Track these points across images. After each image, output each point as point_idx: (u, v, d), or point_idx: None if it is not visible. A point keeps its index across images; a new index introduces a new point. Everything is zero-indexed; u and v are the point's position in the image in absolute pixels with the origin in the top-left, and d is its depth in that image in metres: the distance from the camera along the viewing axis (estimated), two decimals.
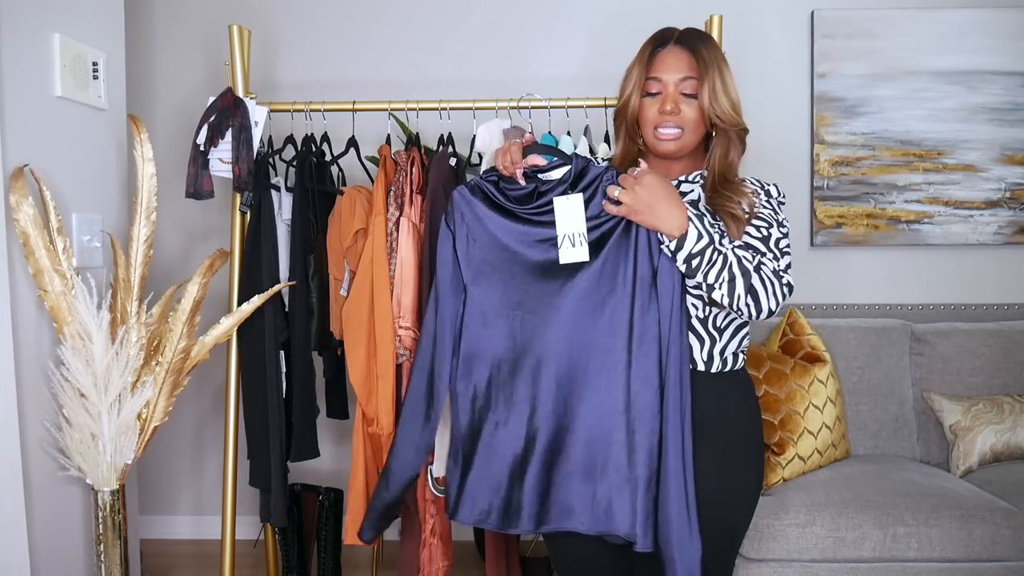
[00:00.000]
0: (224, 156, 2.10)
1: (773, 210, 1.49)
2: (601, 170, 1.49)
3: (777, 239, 1.46)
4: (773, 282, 1.38)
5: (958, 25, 2.88)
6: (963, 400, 2.56)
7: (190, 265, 2.74)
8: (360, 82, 2.84)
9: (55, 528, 1.74)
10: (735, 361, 1.51)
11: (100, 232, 1.87)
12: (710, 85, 1.46)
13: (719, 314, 1.48)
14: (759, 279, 1.37)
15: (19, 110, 1.64)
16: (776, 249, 1.44)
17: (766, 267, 1.39)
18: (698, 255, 1.36)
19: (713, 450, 1.45)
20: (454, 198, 1.58)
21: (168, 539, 3.04)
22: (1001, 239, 2.94)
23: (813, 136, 2.94)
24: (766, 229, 1.45)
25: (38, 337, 1.69)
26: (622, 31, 2.92)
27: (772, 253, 1.43)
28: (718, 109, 1.47)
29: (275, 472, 2.15)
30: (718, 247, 1.37)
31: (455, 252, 1.56)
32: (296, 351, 2.20)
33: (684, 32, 1.52)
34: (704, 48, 1.48)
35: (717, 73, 1.47)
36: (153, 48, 2.99)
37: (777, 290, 1.38)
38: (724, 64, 1.49)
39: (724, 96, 1.47)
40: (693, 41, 1.49)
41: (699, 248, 1.36)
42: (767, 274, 1.38)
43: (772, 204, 1.50)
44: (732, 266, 1.36)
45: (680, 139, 1.49)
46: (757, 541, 2.11)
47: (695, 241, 1.36)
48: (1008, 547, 2.08)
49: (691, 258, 1.37)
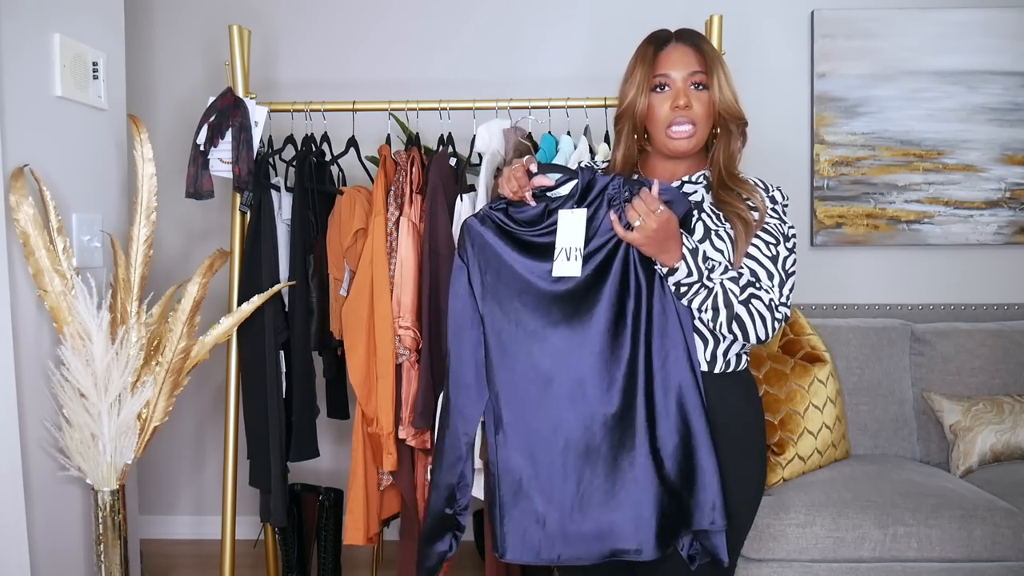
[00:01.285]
0: (224, 156, 2.11)
1: (780, 219, 1.50)
2: (607, 181, 1.48)
3: (784, 257, 1.47)
4: (764, 316, 1.40)
5: (958, 25, 2.88)
6: (963, 400, 2.55)
7: (190, 265, 2.75)
8: (360, 82, 2.84)
9: (55, 528, 1.74)
10: (738, 362, 1.51)
11: (100, 232, 1.87)
12: (717, 78, 1.49)
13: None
14: (747, 312, 1.39)
15: (19, 110, 1.64)
16: (782, 271, 1.45)
17: (760, 300, 1.41)
18: (686, 287, 1.41)
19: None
20: (467, 228, 1.54)
21: (168, 539, 3.04)
22: (1001, 239, 2.94)
23: (813, 136, 2.94)
24: (774, 247, 1.46)
25: (38, 337, 1.69)
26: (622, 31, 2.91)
27: (779, 276, 1.44)
28: (725, 102, 1.50)
29: (275, 472, 2.15)
30: (705, 283, 1.40)
31: (470, 285, 1.52)
32: (296, 351, 2.20)
33: (682, 31, 1.54)
34: (705, 44, 1.52)
35: (720, 67, 1.51)
36: (153, 48, 2.99)
37: (768, 323, 1.41)
38: (722, 60, 1.54)
39: (728, 89, 1.51)
40: (694, 38, 1.52)
41: (687, 282, 1.40)
42: (758, 308, 1.40)
43: (779, 211, 1.51)
44: (717, 298, 1.39)
45: (693, 136, 1.50)
46: (757, 541, 2.11)
47: (684, 275, 1.40)
48: (1008, 547, 2.08)
49: (679, 286, 1.42)
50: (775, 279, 1.44)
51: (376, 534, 2.16)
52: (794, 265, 1.48)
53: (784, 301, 1.44)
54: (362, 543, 2.10)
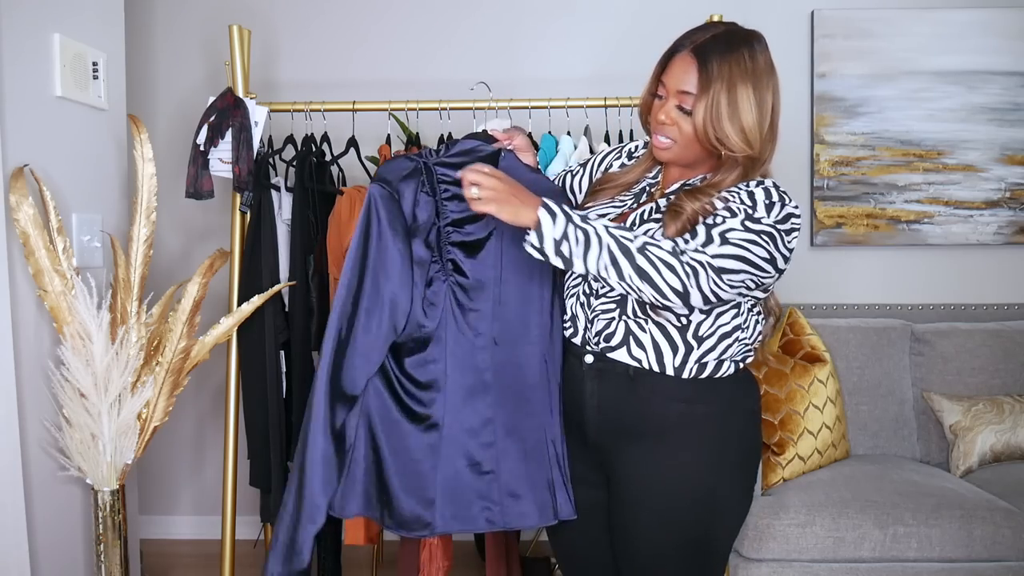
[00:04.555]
0: (224, 156, 2.11)
1: (748, 216, 1.34)
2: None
3: (726, 230, 1.31)
4: (671, 264, 1.27)
5: (958, 25, 2.88)
6: (963, 400, 2.56)
7: (190, 265, 2.75)
8: (360, 82, 2.84)
9: (55, 528, 1.74)
10: (720, 367, 1.43)
11: (100, 232, 1.87)
12: (709, 104, 1.33)
13: (703, 321, 1.40)
14: (647, 260, 1.27)
15: (19, 110, 1.63)
16: (718, 236, 1.31)
17: (659, 247, 1.28)
18: (562, 238, 1.28)
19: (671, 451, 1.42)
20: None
21: (168, 539, 3.04)
22: (1001, 239, 2.94)
23: (813, 136, 2.94)
24: (721, 219, 1.33)
25: (38, 337, 1.69)
26: (622, 31, 2.93)
27: (703, 237, 1.31)
28: (719, 132, 1.34)
29: (275, 472, 2.15)
30: (579, 225, 1.28)
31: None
32: (296, 351, 2.20)
33: (710, 38, 1.38)
34: (717, 62, 1.34)
35: (724, 92, 1.33)
36: (153, 48, 2.99)
37: (679, 271, 1.27)
38: (743, 83, 1.34)
39: (730, 119, 1.34)
40: (708, 52, 1.35)
41: (559, 229, 1.27)
42: (658, 255, 1.27)
43: (748, 209, 1.35)
44: (608, 247, 1.28)
45: (671, 150, 1.42)
46: (757, 541, 2.11)
47: (549, 220, 1.28)
48: (1008, 547, 2.08)
49: (558, 245, 1.28)
50: (699, 239, 1.32)
51: (376, 534, 2.16)
52: (748, 247, 1.31)
53: (706, 254, 1.29)
54: (362, 543, 2.10)
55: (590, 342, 1.47)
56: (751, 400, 1.50)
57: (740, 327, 1.43)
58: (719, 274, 1.30)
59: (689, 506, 1.42)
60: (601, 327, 1.45)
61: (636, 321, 1.42)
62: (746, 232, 1.32)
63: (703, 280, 1.29)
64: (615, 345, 1.43)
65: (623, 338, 1.43)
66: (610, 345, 1.44)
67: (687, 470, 1.42)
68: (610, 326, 1.44)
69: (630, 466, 1.46)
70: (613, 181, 1.56)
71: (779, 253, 1.35)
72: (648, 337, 1.41)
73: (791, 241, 1.37)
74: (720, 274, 1.30)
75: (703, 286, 1.29)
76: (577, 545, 1.60)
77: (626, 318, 1.42)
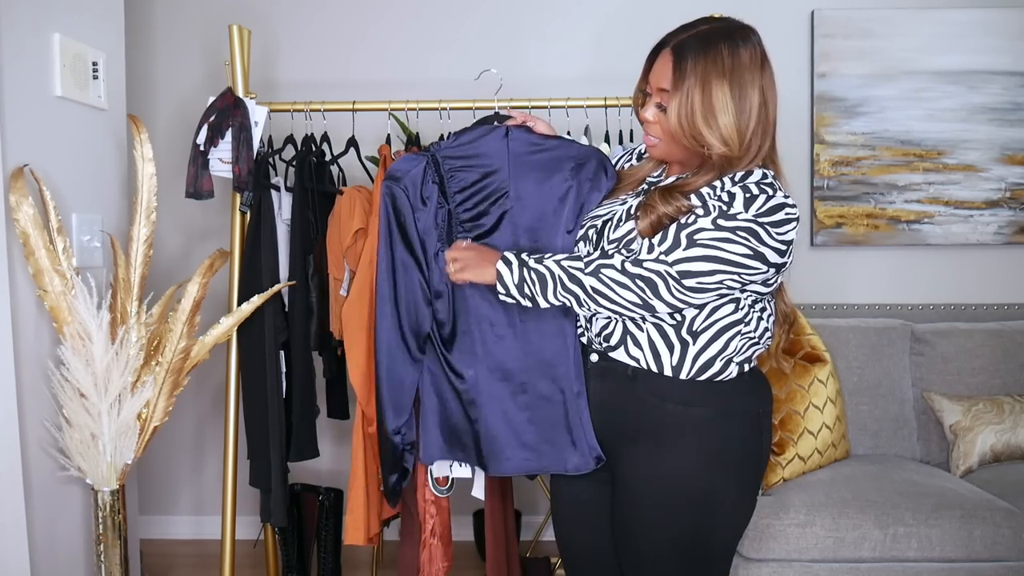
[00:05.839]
0: (224, 156, 2.11)
1: (721, 213, 1.31)
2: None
3: (695, 231, 1.31)
4: (622, 281, 1.34)
5: (958, 25, 2.88)
6: (963, 400, 2.56)
7: (190, 265, 2.75)
8: (360, 82, 2.84)
9: (55, 528, 1.74)
10: (724, 370, 1.41)
11: (100, 232, 1.87)
12: (682, 101, 1.32)
13: (696, 316, 1.39)
14: (599, 281, 1.36)
15: (19, 110, 1.64)
16: (684, 238, 1.31)
17: (611, 267, 1.35)
18: (521, 282, 1.43)
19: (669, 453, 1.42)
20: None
21: (168, 539, 3.04)
22: (1001, 239, 2.94)
23: (813, 136, 2.94)
24: (693, 219, 1.33)
25: (38, 337, 1.69)
26: (622, 32, 2.93)
27: (670, 241, 1.32)
28: (693, 131, 1.33)
29: (275, 472, 2.15)
30: (532, 267, 1.42)
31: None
32: (296, 351, 2.20)
33: (691, 35, 1.37)
34: (692, 59, 1.32)
35: (698, 90, 1.31)
36: (153, 48, 2.99)
37: (633, 283, 1.32)
38: (718, 81, 1.32)
39: (703, 118, 1.31)
40: (684, 49, 1.34)
41: (516, 275, 1.43)
42: (609, 275, 1.35)
43: (722, 206, 1.33)
44: (561, 279, 1.40)
45: (659, 148, 1.45)
46: (757, 541, 2.11)
47: (507, 270, 1.43)
48: (1008, 547, 2.08)
49: (520, 287, 1.43)
50: (665, 243, 1.33)
51: (376, 534, 2.16)
52: (719, 245, 1.29)
53: (665, 262, 1.31)
54: (362, 543, 2.10)
55: (594, 342, 1.51)
56: (756, 403, 1.48)
57: (740, 322, 1.41)
58: (682, 278, 1.31)
59: (686, 508, 1.42)
60: (601, 327, 1.48)
61: (634, 320, 1.43)
62: (717, 231, 1.30)
63: (662, 290, 1.32)
64: (614, 344, 1.46)
65: (621, 337, 1.44)
66: (610, 345, 1.46)
67: (684, 472, 1.42)
68: (609, 326, 1.46)
69: (630, 466, 1.47)
70: (624, 180, 1.60)
71: (766, 247, 1.32)
72: (645, 336, 1.42)
73: (785, 232, 1.33)
74: (683, 278, 1.31)
75: (663, 295, 1.33)
76: (582, 543, 1.60)
77: (624, 318, 1.43)
